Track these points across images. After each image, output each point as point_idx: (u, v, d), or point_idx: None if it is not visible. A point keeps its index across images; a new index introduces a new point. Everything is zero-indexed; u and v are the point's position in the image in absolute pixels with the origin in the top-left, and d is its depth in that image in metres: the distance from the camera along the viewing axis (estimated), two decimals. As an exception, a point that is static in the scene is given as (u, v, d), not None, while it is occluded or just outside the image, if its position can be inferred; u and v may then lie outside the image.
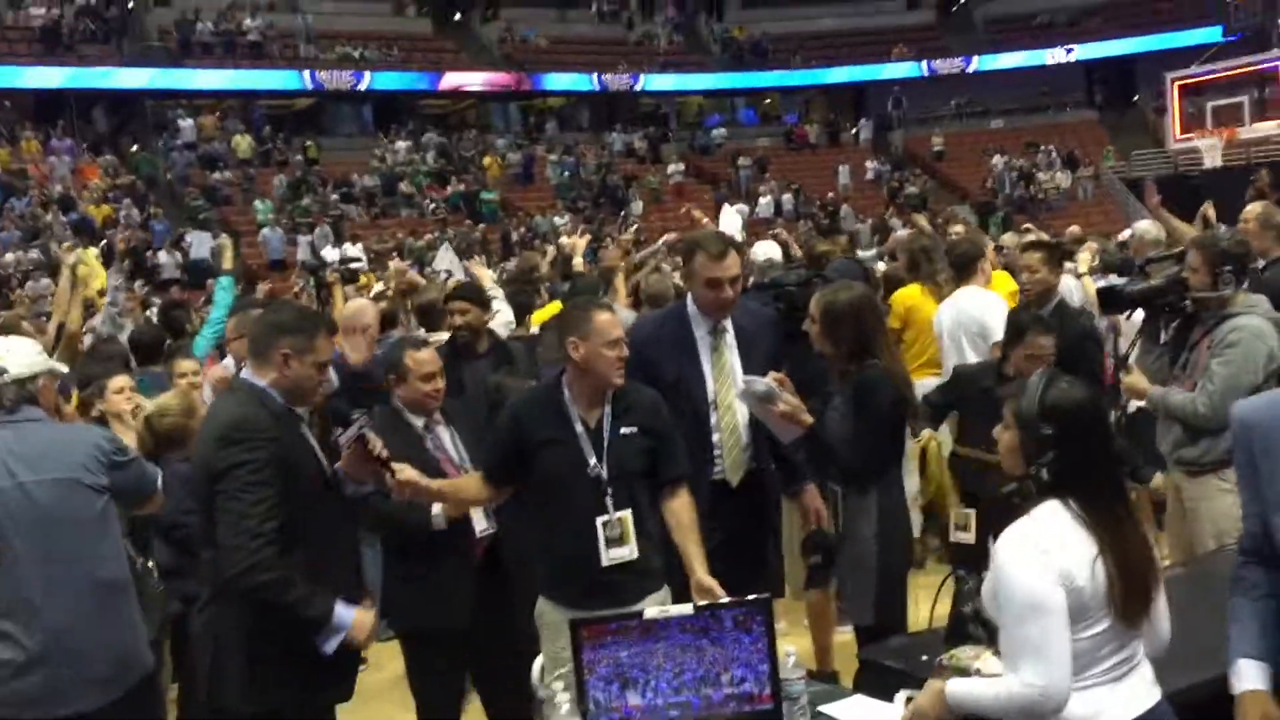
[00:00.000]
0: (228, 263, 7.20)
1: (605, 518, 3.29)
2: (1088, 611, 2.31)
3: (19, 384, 3.11)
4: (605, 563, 3.28)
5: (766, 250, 7.43)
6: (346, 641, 3.07)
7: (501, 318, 5.92)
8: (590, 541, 3.28)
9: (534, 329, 6.32)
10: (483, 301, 5.26)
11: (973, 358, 5.49)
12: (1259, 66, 21.97)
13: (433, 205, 25.84)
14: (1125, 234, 9.26)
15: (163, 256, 21.50)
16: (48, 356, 3.51)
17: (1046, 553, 2.32)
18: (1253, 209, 6.00)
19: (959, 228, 8.99)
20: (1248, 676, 2.45)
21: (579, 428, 3.33)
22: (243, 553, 2.91)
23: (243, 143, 26.93)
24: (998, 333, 5.34)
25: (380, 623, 3.43)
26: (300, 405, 3.20)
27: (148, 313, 9.55)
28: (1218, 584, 3.31)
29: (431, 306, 5.83)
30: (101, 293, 7.50)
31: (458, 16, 34.19)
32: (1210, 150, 22.43)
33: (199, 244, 20.42)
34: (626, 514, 3.31)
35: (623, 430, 3.34)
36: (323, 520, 3.11)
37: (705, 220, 8.90)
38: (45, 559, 2.96)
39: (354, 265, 10.55)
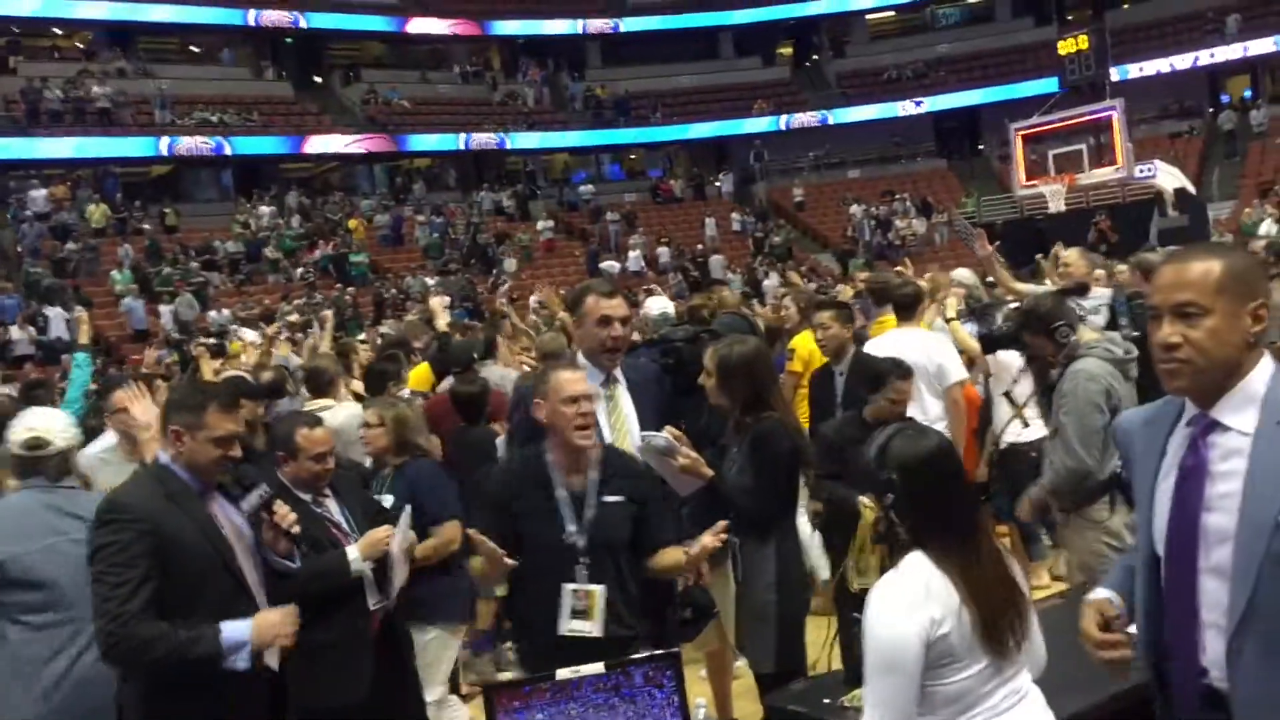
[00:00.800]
0: (84, 337, 7.00)
1: (574, 586, 3.27)
2: (959, 654, 2.34)
3: (63, 456, 3.50)
4: (563, 631, 3.25)
5: (660, 305, 7.52)
6: (258, 646, 3.03)
7: None
8: (553, 608, 3.26)
9: (406, 392, 6.34)
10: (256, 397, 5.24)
11: (929, 398, 5.66)
12: (1094, 116, 23.25)
13: (300, 270, 25.37)
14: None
15: (14, 332, 20.57)
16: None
17: (912, 606, 2.34)
18: (1069, 253, 7.05)
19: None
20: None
21: (561, 493, 3.31)
22: (103, 634, 2.95)
23: (96, 212, 26.04)
24: (955, 373, 5.61)
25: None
26: (207, 478, 3.17)
27: (6, 390, 9.15)
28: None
29: (321, 373, 5.78)
30: None
31: (319, 79, 33.91)
32: (1054, 196, 23.57)
33: (55, 319, 19.64)
34: (598, 590, 3.28)
35: (607, 498, 3.32)
36: (212, 600, 3.06)
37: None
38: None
39: (216, 339, 10.36)
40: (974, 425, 6.09)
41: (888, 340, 5.84)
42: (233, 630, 3.01)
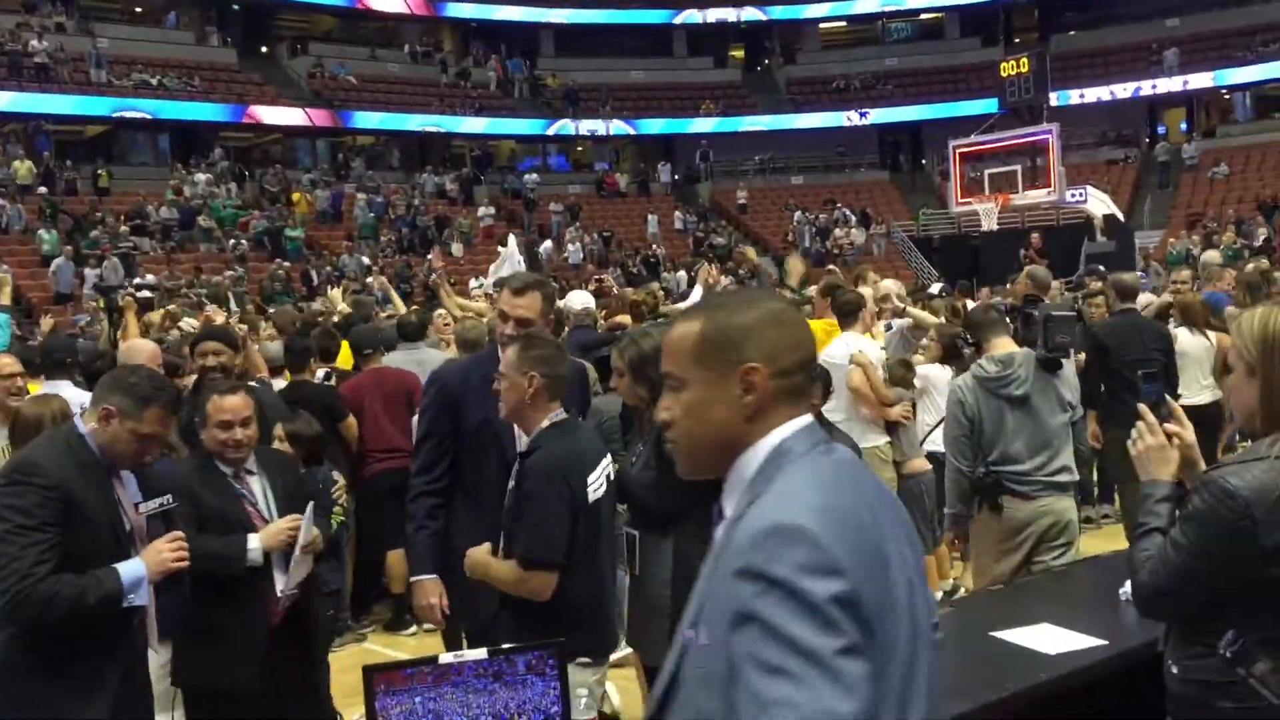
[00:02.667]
0: (4, 298, 6.85)
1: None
2: None
3: None
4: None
5: (581, 299, 7.59)
6: (155, 575, 3.09)
7: None
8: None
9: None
10: (233, 344, 5.21)
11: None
12: (1031, 139, 23.70)
13: (233, 241, 24.96)
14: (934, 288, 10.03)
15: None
16: None
17: None
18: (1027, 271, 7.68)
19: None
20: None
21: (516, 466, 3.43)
22: (9, 594, 2.95)
23: (22, 168, 25.38)
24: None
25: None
26: (116, 464, 3.17)
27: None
28: (976, 624, 3.60)
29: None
30: None
31: (264, 49, 33.38)
32: (987, 214, 23.98)
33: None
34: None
35: (511, 484, 3.39)
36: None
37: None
38: None
39: (147, 293, 10.13)
40: None
41: (841, 346, 6.18)
42: (127, 568, 3.07)
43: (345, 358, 7.20)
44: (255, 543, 3.57)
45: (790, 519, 1.43)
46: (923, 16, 38.03)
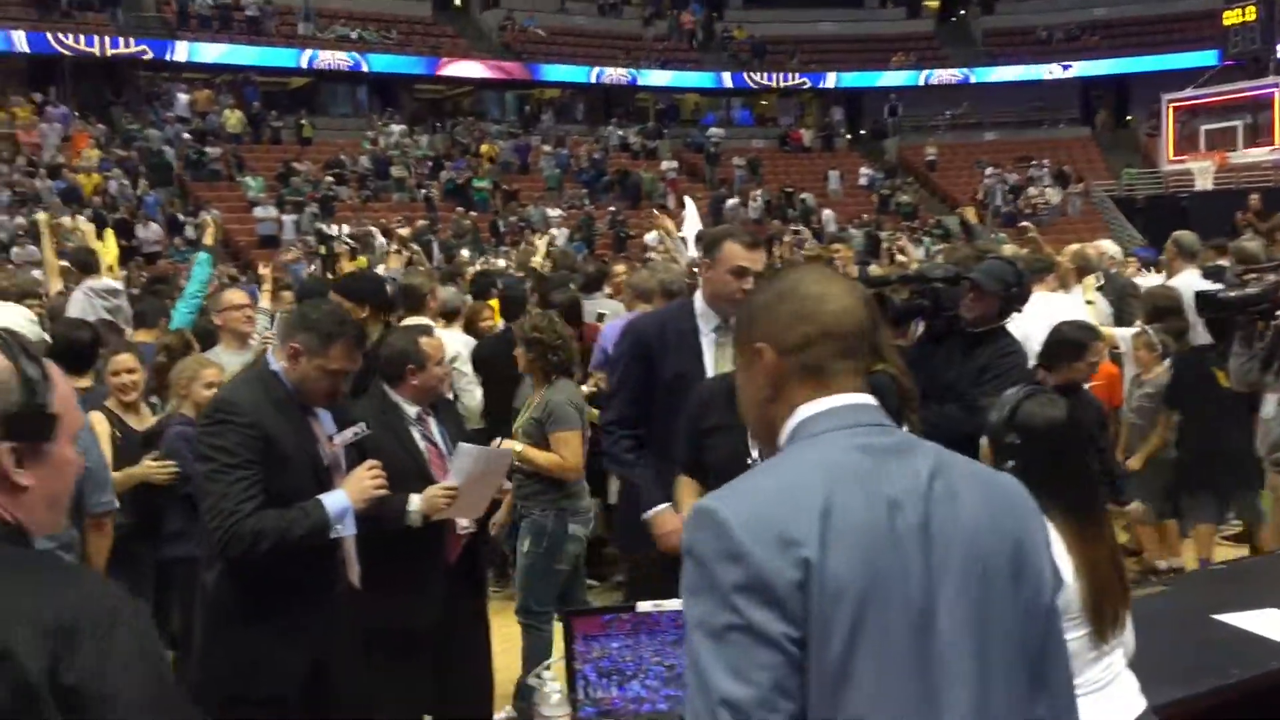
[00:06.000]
0: (209, 239, 7.21)
1: None
2: (1066, 614, 2.33)
3: None
4: None
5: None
6: (358, 505, 3.12)
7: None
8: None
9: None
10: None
11: None
12: (1254, 93, 22.12)
13: (424, 191, 25.77)
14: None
15: (153, 229, 21.39)
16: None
17: None
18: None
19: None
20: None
21: None
22: (219, 532, 2.99)
23: (232, 117, 26.77)
24: None
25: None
26: (308, 401, 3.20)
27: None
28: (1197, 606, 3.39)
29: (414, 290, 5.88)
30: (111, 268, 7.45)
31: (458, 2, 34.10)
32: (1203, 173, 22.58)
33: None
34: None
35: None
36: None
37: (666, 221, 8.93)
38: None
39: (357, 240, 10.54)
40: (1116, 403, 6.10)
41: (1036, 305, 5.76)
42: (332, 499, 3.09)
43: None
44: (416, 504, 3.51)
45: (709, 502, 1.44)
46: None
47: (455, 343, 5.83)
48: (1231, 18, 23.99)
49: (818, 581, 1.37)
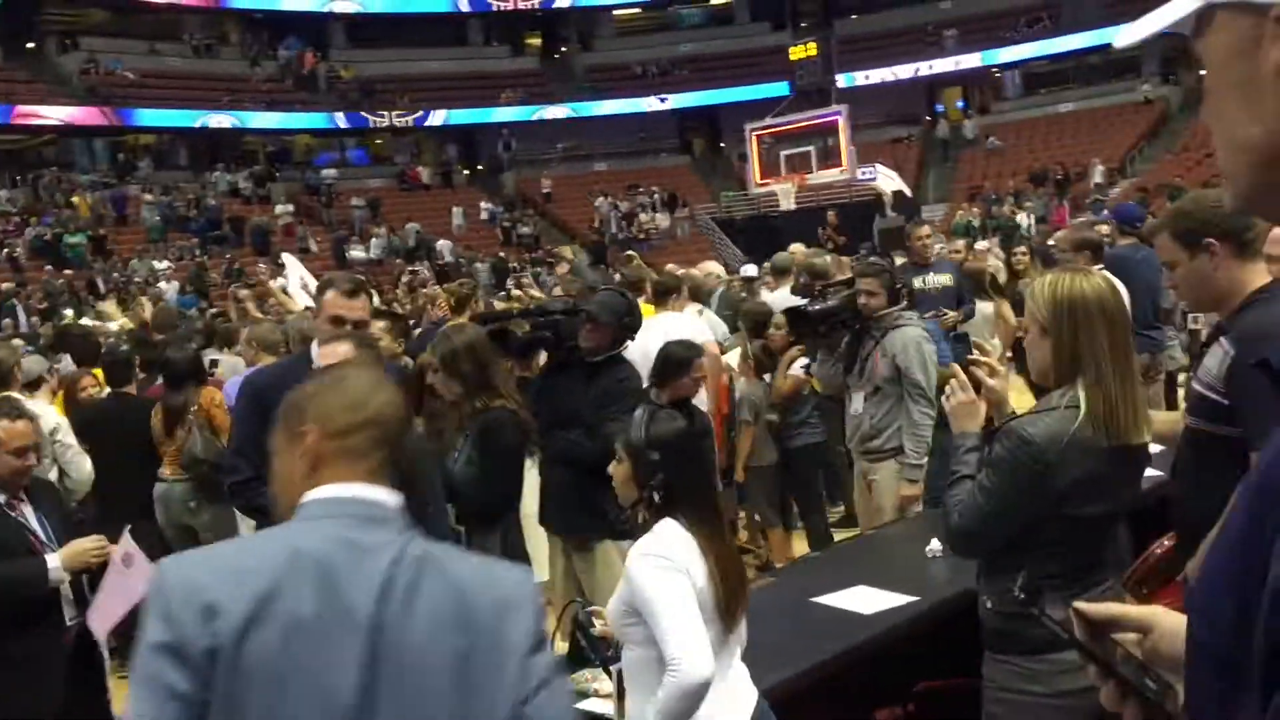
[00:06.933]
0: None
1: None
2: (702, 612, 2.55)
3: None
4: None
5: None
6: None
7: None
8: None
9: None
10: None
11: None
12: (821, 120, 24.59)
13: (6, 250, 23.37)
14: (748, 270, 10.26)
15: None
16: None
17: (668, 558, 2.57)
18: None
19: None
20: None
21: None
22: None
23: None
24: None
25: None
26: None
27: None
28: (798, 591, 3.76)
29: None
30: None
31: (31, 45, 31.24)
32: (785, 194, 24.79)
33: None
34: None
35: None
36: None
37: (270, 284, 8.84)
38: None
39: None
40: (724, 411, 6.44)
41: (658, 324, 6.09)
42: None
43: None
44: (55, 562, 3.40)
45: (168, 561, 1.57)
46: (713, 3, 38.78)
47: (49, 416, 5.41)
48: (797, 53, 26.55)
49: (229, 658, 1.45)
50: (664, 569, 2.55)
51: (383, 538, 1.58)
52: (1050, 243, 8.71)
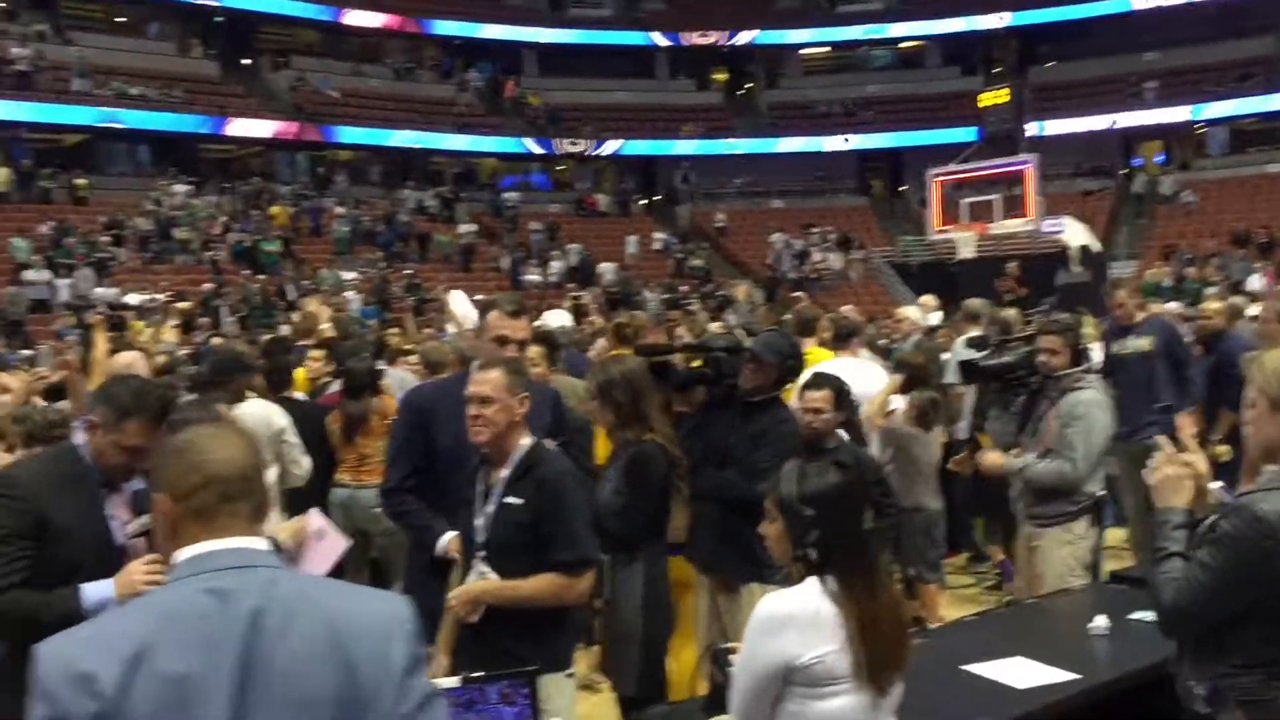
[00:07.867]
0: None
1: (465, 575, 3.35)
2: (837, 678, 2.46)
3: None
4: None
5: (558, 318, 7.62)
6: (119, 598, 2.92)
7: None
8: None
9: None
10: None
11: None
12: (1009, 168, 23.91)
13: (210, 254, 24.85)
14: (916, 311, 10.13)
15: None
16: None
17: (783, 626, 2.49)
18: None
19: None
20: None
21: (479, 487, 3.36)
22: None
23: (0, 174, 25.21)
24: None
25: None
26: (109, 476, 3.08)
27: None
28: (950, 657, 3.61)
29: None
30: None
31: (246, 62, 33.32)
32: (964, 243, 24.16)
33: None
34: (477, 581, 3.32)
35: (507, 499, 3.30)
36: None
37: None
38: None
39: (115, 312, 10.05)
40: None
41: (839, 367, 6.01)
42: (95, 588, 2.94)
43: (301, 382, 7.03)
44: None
45: (42, 645, 1.59)
46: (902, 45, 38.34)
47: (277, 416, 5.57)
48: (986, 99, 25.94)
49: None
50: (765, 634, 2.50)
51: (248, 581, 1.63)
52: (1250, 312, 8.16)
